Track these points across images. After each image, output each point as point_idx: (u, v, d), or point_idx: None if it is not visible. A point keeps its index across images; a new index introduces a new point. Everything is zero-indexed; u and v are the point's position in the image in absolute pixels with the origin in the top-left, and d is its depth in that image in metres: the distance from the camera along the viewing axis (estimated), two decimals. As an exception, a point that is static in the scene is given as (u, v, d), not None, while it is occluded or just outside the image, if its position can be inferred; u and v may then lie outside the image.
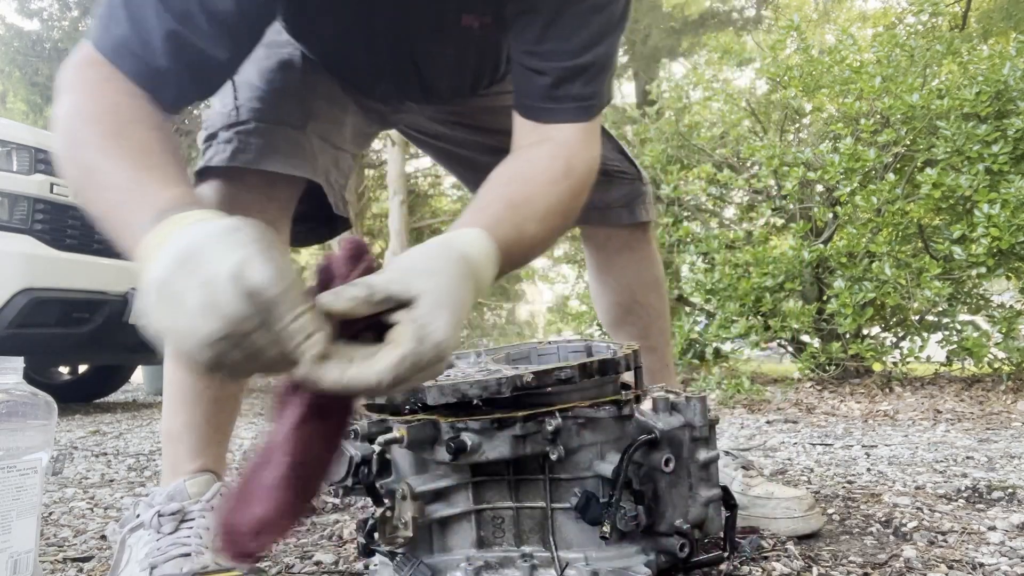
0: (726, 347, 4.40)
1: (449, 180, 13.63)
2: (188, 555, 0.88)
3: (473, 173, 1.32)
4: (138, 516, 0.95)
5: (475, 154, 1.31)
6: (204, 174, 0.99)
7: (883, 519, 1.29)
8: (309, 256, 12.86)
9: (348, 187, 1.21)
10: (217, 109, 1.02)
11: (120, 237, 0.66)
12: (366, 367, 0.58)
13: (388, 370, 0.58)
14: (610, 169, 1.32)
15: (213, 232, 0.56)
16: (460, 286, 0.66)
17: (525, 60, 0.95)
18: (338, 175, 1.11)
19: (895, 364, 3.83)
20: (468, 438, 0.88)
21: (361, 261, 0.63)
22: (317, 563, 1.11)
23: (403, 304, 0.62)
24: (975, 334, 3.48)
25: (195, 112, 12.09)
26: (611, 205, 1.34)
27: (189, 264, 0.54)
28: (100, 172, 0.69)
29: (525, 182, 0.88)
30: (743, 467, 1.30)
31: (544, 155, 0.91)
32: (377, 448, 0.90)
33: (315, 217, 1.11)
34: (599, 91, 0.95)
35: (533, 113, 0.94)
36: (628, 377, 1.03)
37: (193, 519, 0.93)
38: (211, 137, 1.00)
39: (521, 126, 0.96)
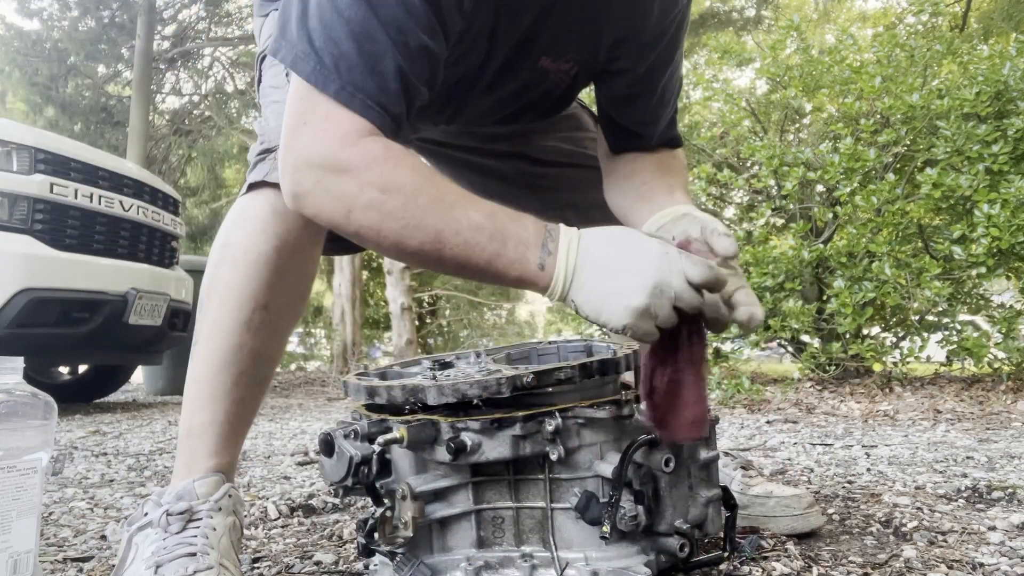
0: (726, 347, 4.40)
1: (449, 180, 13.61)
2: (194, 555, 0.87)
3: (484, 180, 1.35)
4: (146, 514, 0.94)
5: (485, 160, 1.34)
6: (257, 185, 1.01)
7: (883, 519, 1.29)
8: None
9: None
10: (274, 126, 1.02)
11: (501, 260, 0.81)
12: (757, 310, 0.85)
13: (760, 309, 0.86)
14: None
15: (632, 249, 0.81)
16: None
17: (621, 105, 1.15)
18: None
19: (895, 364, 3.84)
20: (468, 438, 0.88)
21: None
22: (317, 563, 1.11)
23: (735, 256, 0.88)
24: (975, 334, 3.48)
25: (195, 112, 12.10)
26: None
27: (647, 283, 0.78)
28: (455, 218, 0.81)
29: (674, 172, 1.15)
30: (742, 467, 1.30)
31: (668, 158, 1.18)
32: (377, 448, 0.90)
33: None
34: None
35: (637, 147, 1.17)
36: (628, 377, 1.03)
37: (201, 519, 0.92)
38: (267, 151, 1.02)
39: (624, 155, 1.18)
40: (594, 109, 1.28)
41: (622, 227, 0.86)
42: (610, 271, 0.79)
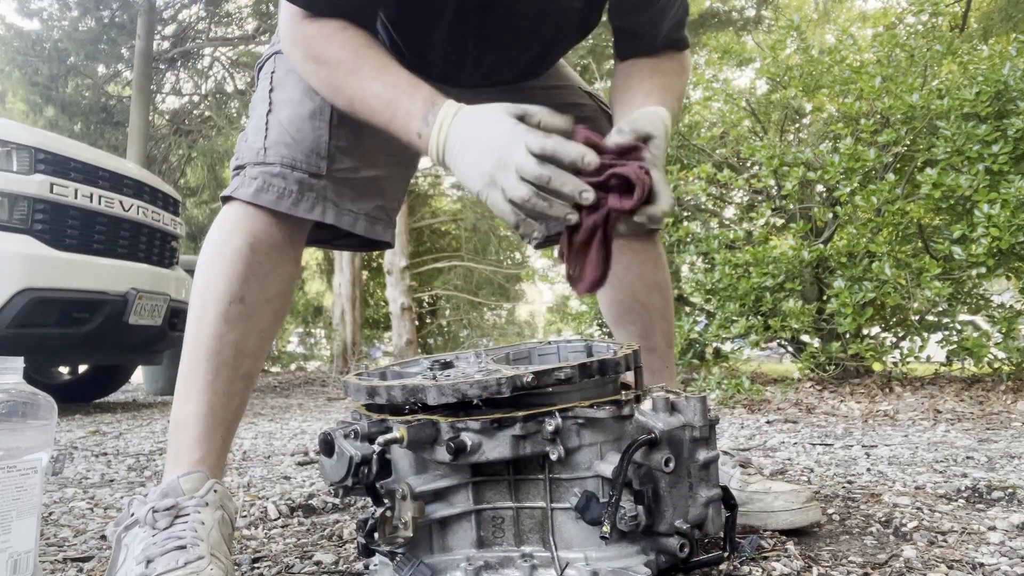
0: (726, 347, 4.40)
1: (449, 180, 13.63)
2: (184, 547, 0.88)
3: None
4: (132, 514, 0.95)
5: None
6: (228, 199, 1.09)
7: (883, 519, 1.29)
8: (308, 256, 12.87)
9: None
10: (249, 144, 1.11)
11: (393, 125, 0.95)
12: (660, 203, 0.91)
13: (670, 201, 0.92)
14: None
15: (488, 130, 0.88)
16: (667, 129, 1.01)
17: (637, 18, 1.18)
18: (385, 201, 1.22)
19: (895, 364, 3.83)
20: (468, 438, 0.88)
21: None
22: (317, 563, 1.11)
23: (647, 138, 0.95)
24: (975, 334, 3.48)
25: (195, 112, 12.09)
26: None
27: (493, 162, 0.86)
28: (362, 88, 0.97)
29: (665, 75, 1.19)
30: (741, 464, 1.30)
31: (665, 60, 1.21)
32: (377, 448, 0.90)
33: (358, 237, 1.20)
34: (684, 31, 1.24)
35: (643, 53, 1.21)
36: (628, 377, 1.03)
37: (188, 514, 0.93)
38: (239, 168, 1.10)
39: (622, 66, 1.23)
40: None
41: (495, 106, 0.90)
42: (469, 143, 0.89)
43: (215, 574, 0.85)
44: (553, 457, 0.91)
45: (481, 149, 0.87)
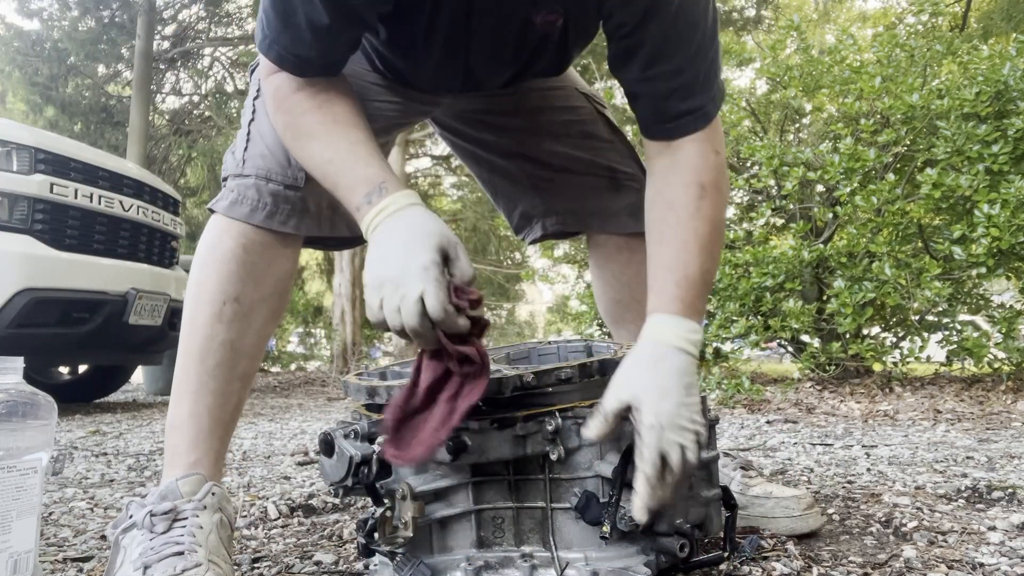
0: (726, 347, 4.40)
1: (449, 180, 13.63)
2: (181, 553, 0.87)
3: (491, 175, 1.39)
4: (131, 516, 0.94)
5: (494, 157, 1.36)
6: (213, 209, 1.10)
7: (883, 519, 1.29)
8: (308, 256, 12.87)
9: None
10: (233, 157, 1.11)
11: (337, 193, 0.95)
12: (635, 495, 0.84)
13: (641, 488, 0.84)
14: (620, 176, 1.34)
15: (411, 245, 0.84)
16: (659, 378, 0.88)
17: (635, 87, 1.04)
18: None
19: (895, 364, 3.83)
20: (468, 438, 0.88)
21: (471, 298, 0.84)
22: (317, 563, 1.11)
23: (628, 410, 0.87)
24: (975, 334, 3.48)
25: (195, 112, 12.09)
26: (616, 213, 1.35)
27: (394, 277, 0.83)
28: (314, 151, 0.96)
29: (670, 231, 1.02)
30: (742, 467, 1.30)
31: (676, 187, 1.03)
32: (377, 448, 0.90)
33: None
34: (711, 96, 1.04)
35: (657, 134, 1.05)
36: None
37: (186, 518, 0.93)
38: (224, 179, 1.10)
39: (649, 147, 1.07)
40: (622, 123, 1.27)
41: (429, 231, 0.86)
42: (388, 247, 0.86)
43: None
44: (553, 457, 0.91)
45: (392, 263, 0.84)
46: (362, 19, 0.97)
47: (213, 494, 0.97)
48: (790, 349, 4.62)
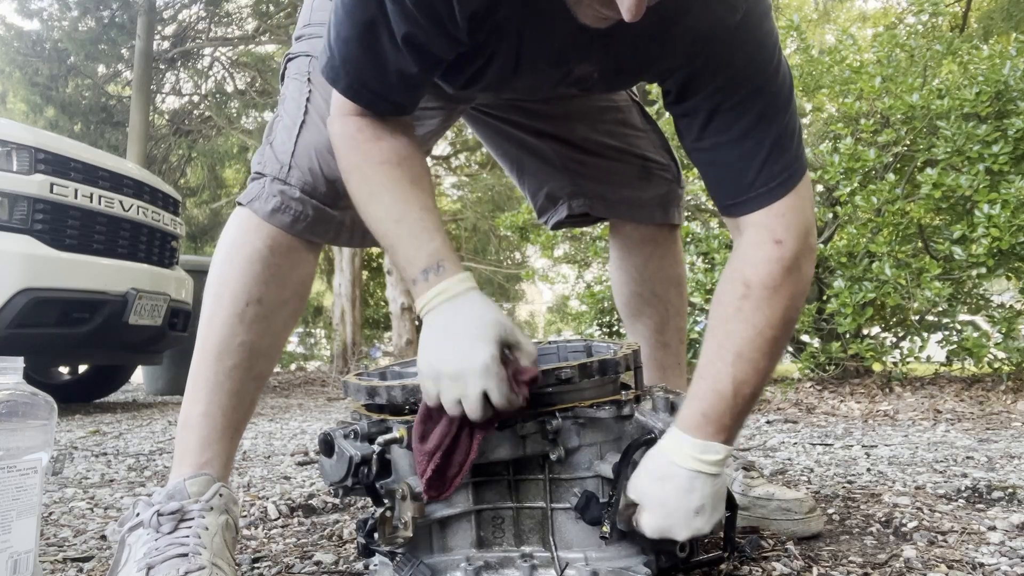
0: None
1: (449, 180, 13.62)
2: (186, 555, 0.87)
3: (519, 152, 1.36)
4: (138, 515, 0.94)
5: (526, 135, 1.34)
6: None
7: (883, 519, 1.29)
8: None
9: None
10: (275, 151, 1.08)
11: (395, 259, 0.93)
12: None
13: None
14: (651, 166, 1.33)
15: (472, 340, 0.83)
16: (664, 493, 0.87)
17: (697, 157, 0.99)
18: None
19: (895, 364, 3.83)
20: (468, 438, 0.88)
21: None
22: (317, 563, 1.11)
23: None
24: (975, 334, 3.48)
25: (195, 112, 12.09)
26: (646, 203, 1.34)
27: (453, 372, 0.82)
28: (384, 209, 0.93)
29: (713, 334, 0.93)
30: (744, 468, 1.30)
31: (724, 281, 0.94)
32: (377, 448, 0.90)
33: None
34: (789, 165, 0.93)
35: (730, 210, 0.97)
36: (628, 377, 1.03)
37: (192, 519, 0.92)
38: (259, 176, 1.07)
39: (730, 222, 0.99)
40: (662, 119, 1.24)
41: (488, 314, 0.85)
42: (449, 334, 0.85)
43: None
44: (553, 457, 0.91)
45: (451, 357, 0.83)
46: (440, 63, 0.94)
47: (220, 495, 0.96)
48: (790, 349, 4.61)
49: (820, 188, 4.33)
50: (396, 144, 0.95)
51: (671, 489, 0.86)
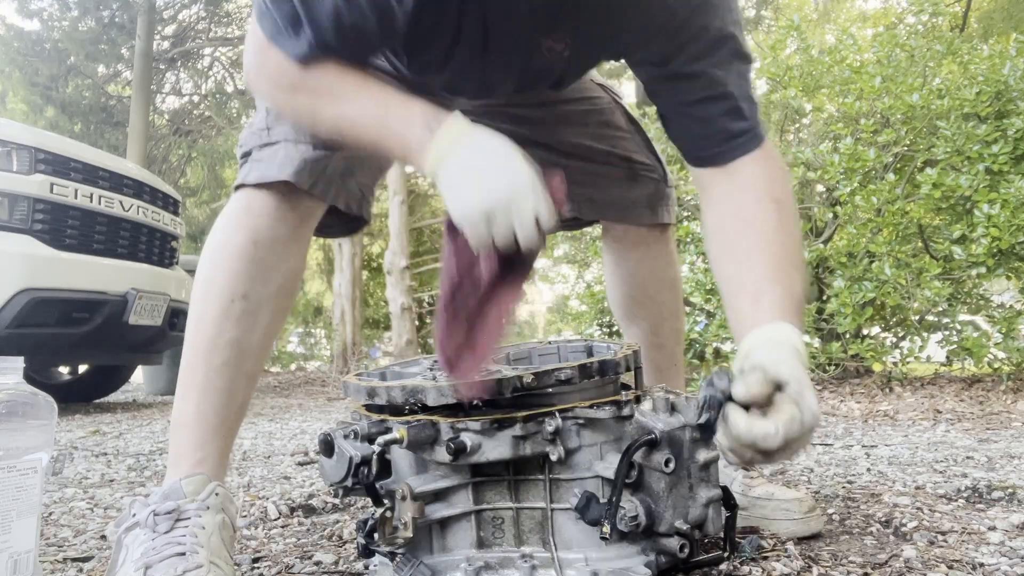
0: (726, 347, 4.40)
1: (449, 180, 13.59)
2: (183, 554, 0.87)
3: None
4: (134, 515, 0.94)
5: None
6: (238, 187, 1.07)
7: (883, 519, 1.29)
8: (308, 256, 12.84)
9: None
10: (254, 129, 1.10)
11: (385, 136, 0.89)
12: (767, 423, 0.78)
13: (783, 425, 0.77)
14: (637, 167, 1.34)
15: (509, 163, 0.83)
16: (806, 372, 0.85)
17: (683, 113, 1.04)
18: (365, 175, 1.18)
19: (895, 364, 3.83)
20: (468, 439, 0.88)
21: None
22: (317, 563, 1.11)
23: (780, 385, 0.81)
24: (975, 334, 3.48)
25: (195, 112, 12.10)
26: (633, 204, 1.34)
27: (503, 200, 0.80)
28: (348, 108, 0.90)
29: (765, 251, 0.98)
30: (743, 467, 1.30)
31: (752, 205, 1.00)
32: (377, 449, 0.90)
33: (338, 216, 1.17)
34: (759, 119, 1.03)
35: (707, 161, 1.04)
36: (628, 378, 1.03)
37: (189, 518, 0.92)
38: (246, 155, 1.08)
39: (701, 176, 1.06)
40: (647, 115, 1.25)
41: (502, 139, 0.85)
42: (479, 168, 0.83)
43: None
44: (553, 458, 0.91)
45: (496, 176, 0.82)
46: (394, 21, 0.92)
47: (216, 495, 0.96)
48: (790, 349, 4.61)
49: (820, 188, 4.33)
50: (334, 63, 0.93)
51: (804, 371, 0.86)
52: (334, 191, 1.10)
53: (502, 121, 1.31)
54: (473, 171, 0.83)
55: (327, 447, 0.96)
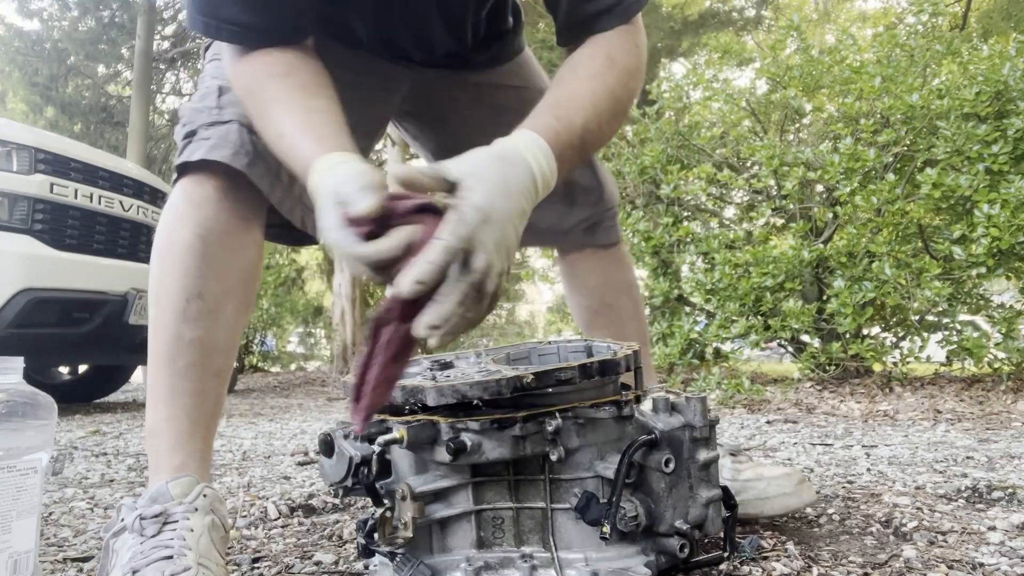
0: (726, 347, 4.40)
1: (449, 180, 13.60)
2: (171, 557, 0.85)
3: (455, 141, 1.29)
4: (122, 520, 0.92)
5: (436, 153, 1.33)
6: (183, 169, 1.02)
7: (883, 519, 1.29)
8: (308, 256, 12.86)
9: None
10: (196, 106, 1.04)
11: (290, 165, 0.89)
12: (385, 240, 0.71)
13: (442, 241, 0.69)
14: (576, 190, 1.31)
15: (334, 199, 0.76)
16: (504, 170, 0.77)
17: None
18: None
19: (895, 364, 3.83)
20: (468, 438, 0.88)
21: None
22: (317, 563, 1.11)
23: (451, 187, 0.73)
24: (975, 334, 3.48)
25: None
26: (568, 230, 1.33)
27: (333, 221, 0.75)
28: (273, 124, 0.91)
29: (566, 82, 0.94)
30: (731, 453, 1.30)
31: (584, 55, 0.97)
32: (377, 448, 0.90)
33: (287, 224, 1.12)
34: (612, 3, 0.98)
35: (573, 35, 1.00)
36: (628, 378, 1.03)
37: (176, 521, 0.90)
38: (191, 134, 1.02)
39: (568, 52, 1.01)
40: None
41: (328, 190, 0.78)
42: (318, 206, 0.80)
43: None
44: (553, 458, 0.91)
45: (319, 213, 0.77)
46: None
47: (205, 496, 0.94)
48: (790, 349, 4.62)
49: (820, 188, 4.33)
50: (284, 56, 0.93)
51: (514, 174, 0.78)
52: (280, 193, 1.04)
53: (440, 120, 1.30)
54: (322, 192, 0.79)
55: (327, 447, 0.96)
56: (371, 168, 0.78)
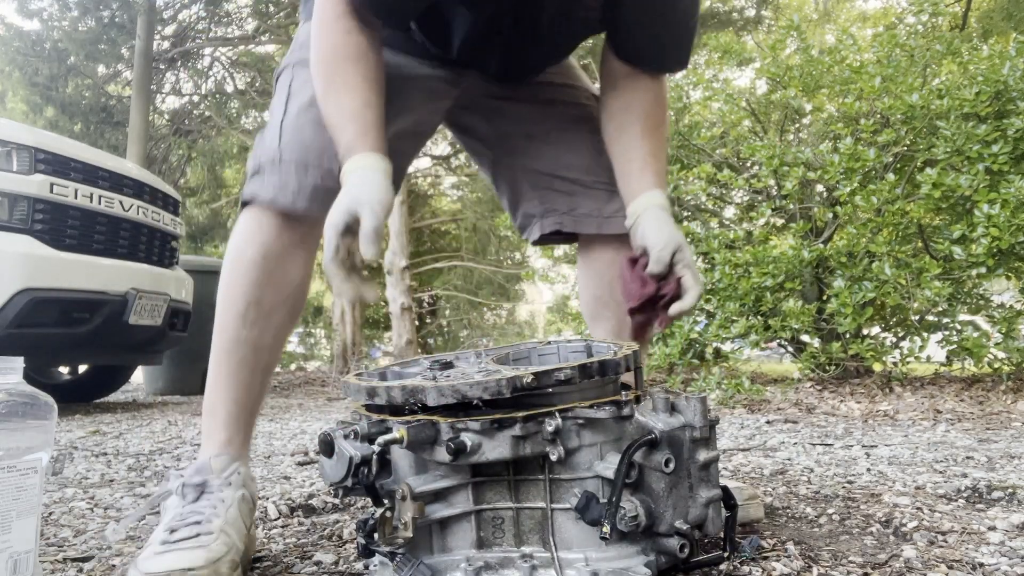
0: (726, 347, 4.40)
1: (449, 180, 13.63)
2: (200, 522, 1.01)
3: (494, 171, 1.49)
4: (168, 487, 1.11)
5: (500, 154, 1.44)
6: (247, 202, 1.21)
7: (883, 519, 1.29)
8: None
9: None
10: (266, 143, 1.21)
11: (335, 139, 1.11)
12: (685, 302, 1.16)
13: (696, 296, 1.16)
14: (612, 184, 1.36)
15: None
16: (672, 221, 1.21)
17: (633, 18, 1.23)
18: None
19: (895, 364, 3.83)
20: (468, 438, 0.88)
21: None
22: (317, 563, 1.11)
23: (677, 251, 1.17)
24: (975, 334, 3.48)
25: (195, 112, 12.10)
26: (609, 217, 1.37)
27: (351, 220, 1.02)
28: (323, 104, 1.13)
29: (651, 133, 1.28)
30: None
31: (652, 104, 1.29)
32: (377, 448, 0.90)
33: None
34: (688, 54, 1.31)
35: (636, 60, 1.27)
36: (628, 378, 1.03)
37: (212, 492, 1.08)
38: (257, 172, 1.20)
39: (614, 64, 1.29)
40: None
41: (342, 199, 1.03)
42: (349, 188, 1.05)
43: (216, 548, 0.97)
44: (553, 458, 0.91)
45: (332, 210, 1.03)
46: None
47: (238, 473, 1.11)
48: (790, 349, 4.62)
49: (820, 188, 4.33)
50: (361, 39, 1.12)
51: (671, 220, 1.20)
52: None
53: (495, 120, 1.41)
54: (346, 189, 1.05)
55: (327, 447, 0.96)
56: (386, 183, 1.05)
